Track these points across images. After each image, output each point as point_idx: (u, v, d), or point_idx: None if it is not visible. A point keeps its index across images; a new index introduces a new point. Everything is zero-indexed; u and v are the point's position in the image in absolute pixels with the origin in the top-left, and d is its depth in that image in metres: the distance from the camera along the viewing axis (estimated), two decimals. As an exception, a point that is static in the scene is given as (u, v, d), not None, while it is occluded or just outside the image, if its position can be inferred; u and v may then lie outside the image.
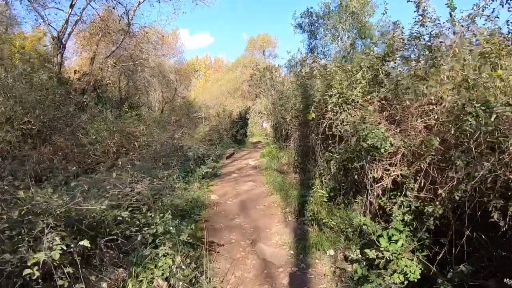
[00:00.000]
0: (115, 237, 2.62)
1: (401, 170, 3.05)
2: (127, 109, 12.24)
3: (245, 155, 12.41)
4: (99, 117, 9.77)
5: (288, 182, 6.85)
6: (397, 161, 3.33)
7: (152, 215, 2.77)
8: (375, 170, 3.15)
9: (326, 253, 3.88)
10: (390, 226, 2.80)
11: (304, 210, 4.94)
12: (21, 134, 7.05)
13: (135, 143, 9.62)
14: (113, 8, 11.73)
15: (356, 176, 3.62)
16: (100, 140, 8.49)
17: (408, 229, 2.84)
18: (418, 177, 2.81)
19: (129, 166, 7.18)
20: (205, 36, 54.21)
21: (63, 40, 13.57)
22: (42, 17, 12.53)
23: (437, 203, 2.47)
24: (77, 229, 2.58)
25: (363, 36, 8.51)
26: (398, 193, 3.06)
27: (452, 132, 2.51)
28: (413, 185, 2.82)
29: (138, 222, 2.92)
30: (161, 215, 2.79)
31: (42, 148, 7.44)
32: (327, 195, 4.16)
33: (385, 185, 3.22)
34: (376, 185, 3.17)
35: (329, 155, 4.59)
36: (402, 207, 3.04)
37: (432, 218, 2.52)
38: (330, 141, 4.42)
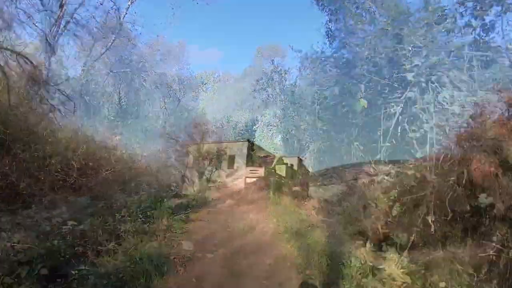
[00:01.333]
0: None
1: None
2: (112, 118, 10.54)
3: (249, 173, 10.30)
4: (69, 125, 7.98)
5: (305, 215, 4.70)
6: None
7: None
8: None
9: None
10: None
11: (338, 279, 2.78)
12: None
13: (110, 157, 7.72)
14: (101, 4, 10.30)
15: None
16: (60, 151, 6.55)
17: None
18: None
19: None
20: (214, 51, 53.38)
21: (52, 42, 12.43)
22: (29, 16, 11.28)
23: None
24: None
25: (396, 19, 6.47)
26: None
27: None
28: None
29: None
30: None
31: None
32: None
33: None
34: None
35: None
36: None
37: None
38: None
